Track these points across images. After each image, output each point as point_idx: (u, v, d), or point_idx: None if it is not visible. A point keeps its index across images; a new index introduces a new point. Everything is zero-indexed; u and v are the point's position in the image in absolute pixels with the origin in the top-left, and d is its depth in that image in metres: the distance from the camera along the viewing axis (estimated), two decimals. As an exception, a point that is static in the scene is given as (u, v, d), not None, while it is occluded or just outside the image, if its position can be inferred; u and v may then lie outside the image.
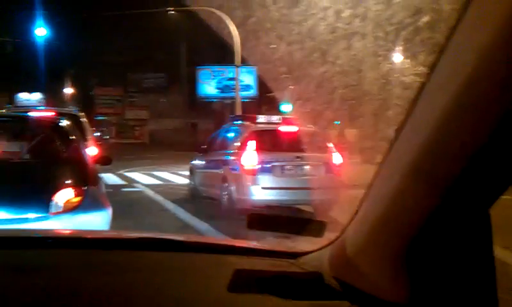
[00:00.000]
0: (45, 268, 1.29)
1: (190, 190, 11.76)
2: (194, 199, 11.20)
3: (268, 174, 8.79)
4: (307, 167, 9.06)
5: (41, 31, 23.96)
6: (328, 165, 9.10)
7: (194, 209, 9.72)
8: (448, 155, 0.80)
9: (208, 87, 39.81)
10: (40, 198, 4.59)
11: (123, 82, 47.08)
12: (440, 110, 0.79)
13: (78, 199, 4.66)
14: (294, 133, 9.47)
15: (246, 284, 1.15)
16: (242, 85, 38.34)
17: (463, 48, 0.77)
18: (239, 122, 10.32)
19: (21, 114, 7.78)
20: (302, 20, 8.39)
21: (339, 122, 30.89)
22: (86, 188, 4.80)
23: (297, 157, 8.98)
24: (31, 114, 6.92)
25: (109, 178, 14.73)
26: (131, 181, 15.42)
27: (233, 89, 39.98)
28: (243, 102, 32.65)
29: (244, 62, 21.06)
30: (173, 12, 29.84)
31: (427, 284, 0.93)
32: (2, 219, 4.35)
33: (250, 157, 8.85)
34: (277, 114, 12.56)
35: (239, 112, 17.63)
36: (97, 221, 4.63)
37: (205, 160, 10.86)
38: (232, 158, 9.30)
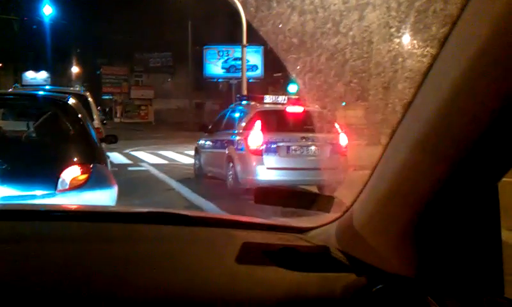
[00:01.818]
0: (55, 239, 1.32)
1: (195, 169, 11.82)
2: (199, 178, 11.25)
3: (273, 155, 8.78)
4: (313, 147, 9.02)
5: (48, 10, 23.89)
6: (334, 146, 9.04)
7: (199, 189, 9.76)
8: (458, 127, 0.80)
9: (215, 67, 39.69)
10: (47, 175, 4.62)
11: (130, 62, 46.98)
12: (451, 82, 0.78)
13: (84, 176, 4.69)
14: (300, 113, 9.43)
15: (254, 256, 1.17)
16: (248, 65, 38.14)
17: (475, 19, 0.76)
18: (246, 102, 10.32)
19: (28, 91, 7.77)
20: None
21: (345, 103, 30.42)
22: (92, 166, 4.82)
23: (303, 138, 8.96)
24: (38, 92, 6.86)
25: (115, 157, 14.76)
26: (137, 161, 15.47)
27: (240, 69, 39.82)
28: (249, 83, 32.50)
29: (251, 41, 20.86)
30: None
31: (434, 258, 0.93)
32: (10, 196, 4.39)
33: (256, 137, 8.84)
34: (283, 95, 12.30)
35: (244, 92, 17.53)
36: (103, 198, 4.67)
37: (210, 140, 10.83)
38: (238, 138, 9.28)
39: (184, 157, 16.47)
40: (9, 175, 4.53)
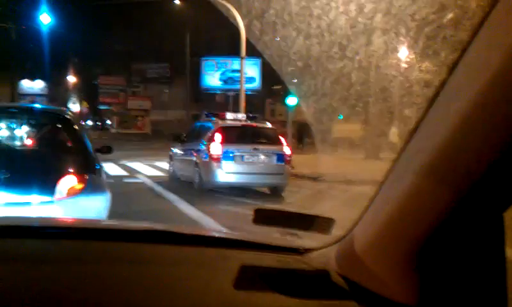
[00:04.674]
0: (51, 260, 1.27)
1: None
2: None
3: (231, 162, 10.88)
4: (262, 156, 11.11)
5: (45, 18, 23.79)
6: (279, 156, 11.16)
7: (196, 201, 9.63)
8: (466, 157, 0.79)
9: (212, 78, 39.80)
10: (46, 184, 4.90)
11: (127, 72, 46.97)
12: (460, 110, 0.77)
13: (81, 185, 5.00)
14: (254, 128, 11.78)
15: (251, 280, 1.14)
16: (246, 77, 38.05)
17: (486, 47, 0.75)
18: (211, 118, 12.25)
19: (30, 105, 8.35)
20: (322, 13, 8.35)
21: (342, 116, 30.74)
22: (88, 175, 5.16)
23: (255, 148, 11.08)
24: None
25: (111, 168, 14.68)
26: (133, 172, 15.32)
27: (237, 81, 39.76)
28: (247, 95, 32.40)
29: (249, 53, 20.93)
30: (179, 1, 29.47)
31: (437, 286, 0.91)
32: (10, 202, 4.68)
33: (217, 147, 10.96)
34: (282, 108, 13.13)
35: (242, 104, 18.73)
36: (97, 207, 5.03)
37: (182, 149, 12.82)
38: (203, 147, 11.34)
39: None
40: (10, 183, 4.82)
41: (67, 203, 4.86)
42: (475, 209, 0.84)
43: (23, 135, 6.36)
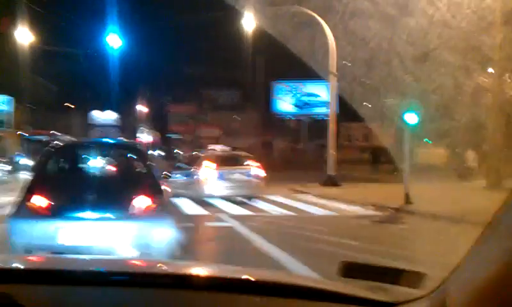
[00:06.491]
0: None
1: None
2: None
3: (219, 179, 15.56)
4: (240, 175, 15.86)
5: (115, 41, 22.81)
6: (252, 174, 15.96)
7: (288, 246, 7.69)
8: None
9: (284, 103, 38.42)
10: (123, 202, 5.89)
11: (197, 99, 46.44)
12: None
13: (153, 206, 5.91)
14: (233, 155, 17.23)
15: None
16: (320, 101, 36.19)
17: None
18: (204, 149, 18.87)
19: (107, 139, 9.66)
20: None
21: (431, 141, 29.01)
22: (158, 198, 6.07)
23: (235, 170, 15.87)
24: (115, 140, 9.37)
25: (188, 205, 13.27)
26: (215, 211, 13.29)
27: (311, 105, 37.89)
28: (320, 119, 30.53)
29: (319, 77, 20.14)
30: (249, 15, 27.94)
31: None
32: (93, 218, 5.71)
33: (207, 170, 15.68)
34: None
35: (332, 127, 21.61)
36: (166, 226, 5.89)
37: (182, 172, 16.79)
38: (197, 169, 16.01)
39: (270, 205, 14.52)
40: (95, 202, 5.81)
41: (140, 221, 5.79)
42: None
43: (103, 163, 7.67)
